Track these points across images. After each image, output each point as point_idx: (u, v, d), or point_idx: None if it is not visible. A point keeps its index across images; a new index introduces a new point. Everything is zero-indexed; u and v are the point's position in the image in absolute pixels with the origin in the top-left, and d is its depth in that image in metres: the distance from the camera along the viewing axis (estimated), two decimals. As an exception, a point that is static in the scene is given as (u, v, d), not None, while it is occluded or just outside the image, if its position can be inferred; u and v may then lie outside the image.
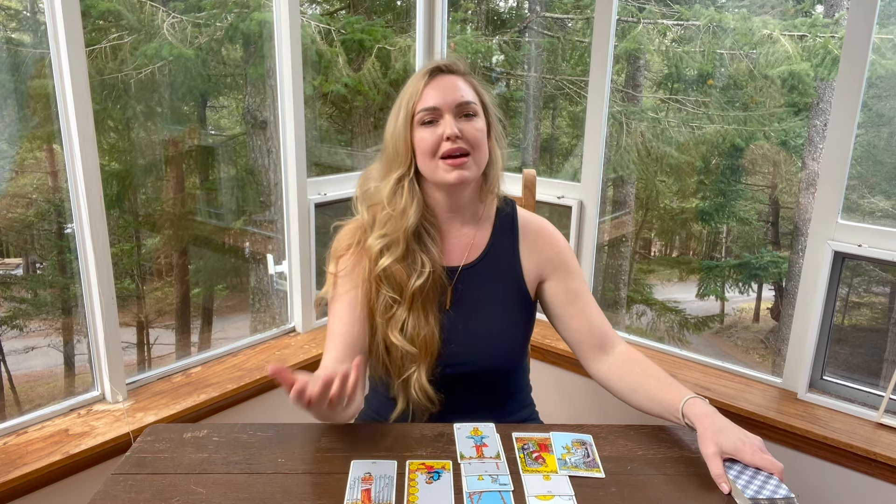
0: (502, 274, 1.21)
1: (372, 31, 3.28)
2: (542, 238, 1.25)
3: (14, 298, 3.10)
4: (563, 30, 4.32)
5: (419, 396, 1.13)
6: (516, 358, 1.24)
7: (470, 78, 1.18)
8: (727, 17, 3.73)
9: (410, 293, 1.13)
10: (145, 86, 2.67)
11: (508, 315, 1.21)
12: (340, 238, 1.23)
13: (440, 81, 1.13)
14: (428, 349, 1.13)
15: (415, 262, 1.14)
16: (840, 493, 1.50)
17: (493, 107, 1.19)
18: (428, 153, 1.12)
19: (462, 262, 1.20)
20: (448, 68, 1.16)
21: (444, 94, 1.12)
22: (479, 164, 1.15)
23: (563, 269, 1.23)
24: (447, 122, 1.11)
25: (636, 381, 1.14)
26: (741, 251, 4.74)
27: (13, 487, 1.27)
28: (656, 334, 4.56)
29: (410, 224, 1.14)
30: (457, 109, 1.12)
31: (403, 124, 1.13)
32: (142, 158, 2.98)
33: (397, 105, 1.16)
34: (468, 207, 1.21)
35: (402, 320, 1.14)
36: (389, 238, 1.13)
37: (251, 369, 1.74)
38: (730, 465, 0.97)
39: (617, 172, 4.13)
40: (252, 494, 0.92)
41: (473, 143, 1.12)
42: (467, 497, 0.91)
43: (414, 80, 1.15)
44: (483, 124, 1.15)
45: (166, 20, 2.64)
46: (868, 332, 3.75)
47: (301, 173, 1.86)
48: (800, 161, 4.03)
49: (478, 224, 1.23)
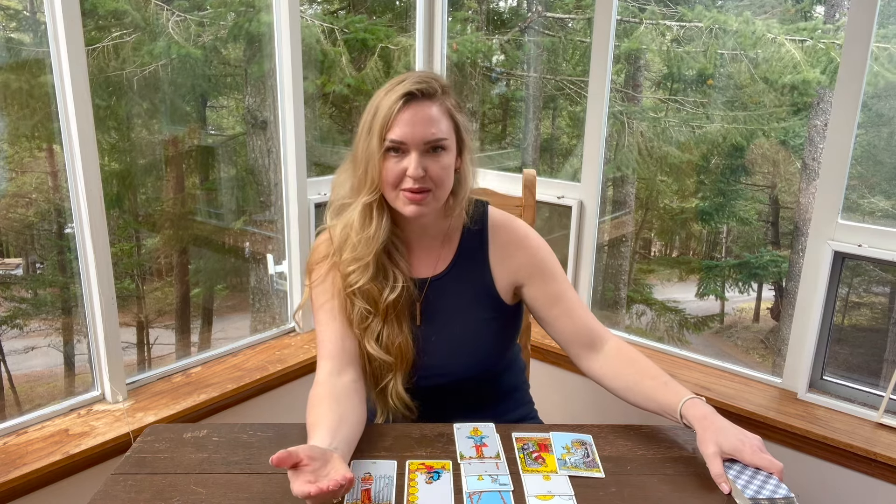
0: (472, 283, 1.20)
1: (375, 30, 3.28)
2: (515, 243, 1.22)
3: (14, 298, 3.10)
4: (564, 30, 4.32)
5: (396, 405, 1.14)
6: (493, 365, 1.23)
7: (446, 101, 1.13)
8: (730, 19, 3.72)
9: (384, 306, 1.14)
10: (149, 83, 2.67)
11: (480, 324, 1.20)
12: (315, 249, 1.23)
13: (413, 110, 1.08)
14: (403, 358, 1.14)
15: (386, 278, 1.15)
16: (840, 493, 1.50)
17: (466, 128, 1.17)
18: (390, 184, 1.10)
19: (431, 273, 1.20)
20: (423, 93, 1.10)
21: (412, 129, 1.07)
22: (440, 198, 1.13)
23: (538, 273, 1.21)
24: (412, 160, 1.08)
25: (632, 379, 1.14)
26: (741, 251, 4.74)
27: (13, 487, 1.27)
28: (656, 334, 4.56)
29: (379, 246, 1.13)
30: (424, 147, 1.09)
31: (377, 150, 1.09)
32: (142, 158, 2.97)
33: (369, 121, 1.11)
34: (433, 224, 1.20)
35: (377, 331, 1.14)
36: (360, 262, 1.13)
37: (251, 369, 1.74)
38: (729, 465, 0.97)
39: (621, 171, 4.13)
40: (252, 494, 0.92)
41: (437, 180, 1.10)
42: (467, 497, 0.91)
43: (388, 101, 1.09)
44: (451, 157, 1.13)
45: (171, 19, 2.64)
46: (868, 332, 3.75)
47: (301, 173, 1.86)
48: (800, 161, 4.03)
49: (445, 235, 1.22)
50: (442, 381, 1.18)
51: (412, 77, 1.11)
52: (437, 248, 1.22)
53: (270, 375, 1.73)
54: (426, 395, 1.17)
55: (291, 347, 1.89)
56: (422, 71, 1.10)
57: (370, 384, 1.17)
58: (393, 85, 1.11)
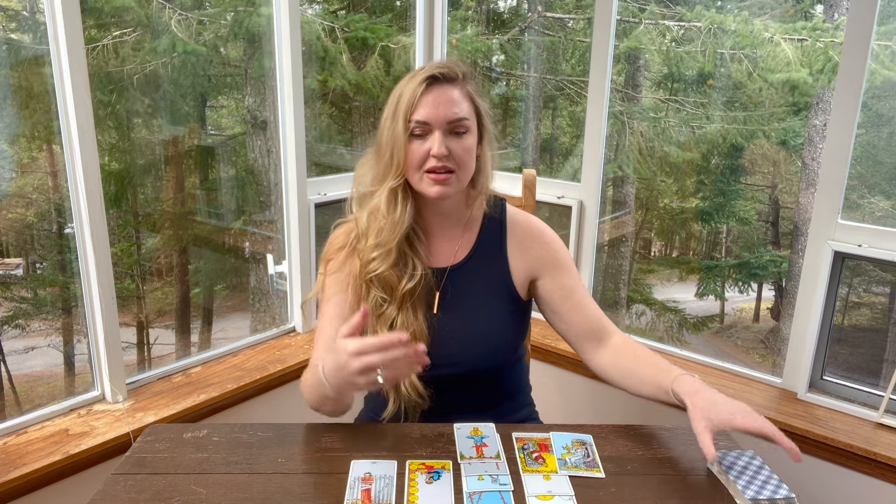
0: (490, 274, 1.22)
1: (375, 29, 3.29)
2: (531, 237, 1.25)
3: (14, 298, 3.10)
4: (564, 30, 4.32)
5: (409, 392, 1.14)
6: (506, 358, 1.24)
7: (467, 85, 1.16)
8: (728, 19, 3.73)
9: (401, 294, 1.15)
10: (148, 82, 2.67)
11: (496, 316, 1.21)
12: (332, 241, 1.25)
13: (436, 93, 1.12)
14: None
15: (406, 266, 1.16)
16: (840, 493, 1.50)
17: (487, 113, 1.19)
18: (414, 166, 1.12)
19: (450, 263, 1.21)
20: (445, 76, 1.13)
21: (436, 110, 1.10)
22: (463, 180, 1.15)
23: (554, 266, 1.23)
24: (435, 139, 1.10)
25: (628, 366, 1.17)
26: (741, 251, 4.74)
27: (13, 487, 1.27)
28: (656, 334, 4.57)
29: (403, 232, 1.15)
30: (448, 126, 1.11)
31: (403, 133, 1.12)
32: (142, 158, 2.98)
33: (393, 108, 1.14)
34: (455, 212, 1.22)
35: (391, 318, 1.15)
36: (383, 248, 1.15)
37: (251, 369, 1.74)
38: (730, 465, 0.97)
39: (622, 170, 4.13)
40: (252, 494, 0.92)
41: (460, 161, 1.12)
42: (467, 497, 0.91)
43: (411, 86, 1.12)
44: (473, 139, 1.15)
45: (173, 17, 2.64)
46: (868, 332, 3.75)
47: (301, 173, 1.86)
48: (800, 161, 4.03)
49: (465, 225, 1.24)
50: (453, 372, 1.16)
51: (434, 63, 1.15)
52: (456, 237, 1.23)
53: (270, 375, 1.73)
54: (435, 385, 1.16)
55: (291, 347, 1.89)
56: (444, 59, 1.15)
57: None
58: (415, 73, 1.15)
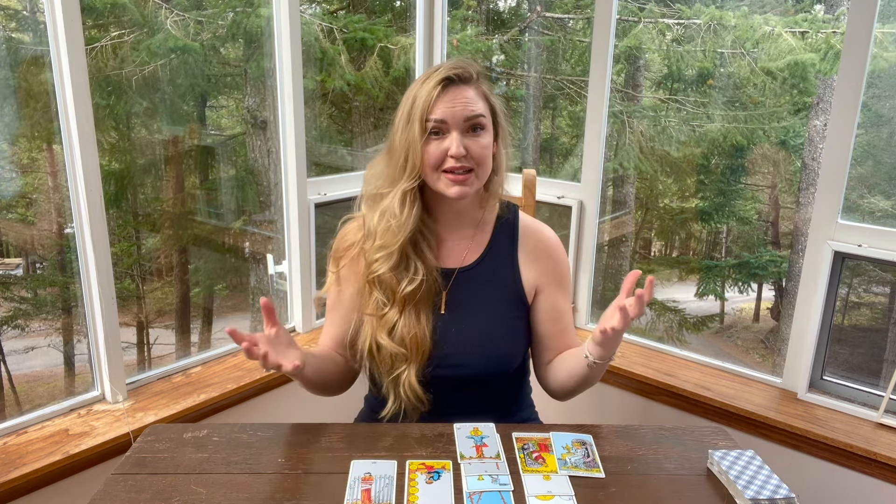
0: (500, 278, 1.21)
1: (374, 29, 3.28)
2: (542, 248, 1.25)
3: (14, 298, 3.10)
4: (564, 29, 4.32)
5: (408, 395, 1.14)
6: (511, 364, 1.22)
7: (482, 84, 1.16)
8: (728, 15, 3.72)
9: (401, 297, 1.15)
10: (148, 82, 2.67)
11: (504, 320, 1.20)
12: (343, 236, 1.25)
13: (452, 93, 1.11)
14: (419, 349, 1.14)
15: (407, 269, 1.16)
16: (840, 493, 1.50)
17: (503, 112, 1.19)
18: (431, 166, 1.12)
19: (459, 264, 1.21)
20: (460, 77, 1.13)
21: (453, 109, 1.10)
22: (481, 179, 1.15)
23: (556, 285, 1.24)
24: (453, 139, 1.10)
25: (557, 361, 1.22)
26: (741, 251, 4.74)
27: (13, 487, 1.27)
28: (656, 334, 4.56)
29: (408, 235, 1.15)
30: (465, 125, 1.11)
31: (419, 134, 1.10)
32: (141, 158, 2.98)
33: (407, 110, 1.12)
34: (469, 212, 1.22)
35: (392, 321, 1.15)
36: (386, 250, 1.15)
37: (251, 369, 1.74)
38: (730, 465, 0.97)
39: (624, 168, 4.12)
40: (252, 494, 0.92)
41: (478, 159, 1.12)
42: (467, 497, 0.91)
43: (427, 88, 1.11)
44: (490, 137, 1.15)
45: (169, 17, 2.64)
46: (868, 332, 3.75)
47: (301, 173, 1.86)
48: (800, 161, 4.03)
49: (478, 227, 1.23)
50: (456, 374, 1.16)
51: (447, 64, 1.14)
52: (467, 239, 1.23)
53: (271, 375, 1.73)
54: (436, 387, 1.16)
55: (291, 347, 1.89)
56: (456, 59, 1.14)
57: (383, 371, 1.18)
58: (428, 74, 1.14)
